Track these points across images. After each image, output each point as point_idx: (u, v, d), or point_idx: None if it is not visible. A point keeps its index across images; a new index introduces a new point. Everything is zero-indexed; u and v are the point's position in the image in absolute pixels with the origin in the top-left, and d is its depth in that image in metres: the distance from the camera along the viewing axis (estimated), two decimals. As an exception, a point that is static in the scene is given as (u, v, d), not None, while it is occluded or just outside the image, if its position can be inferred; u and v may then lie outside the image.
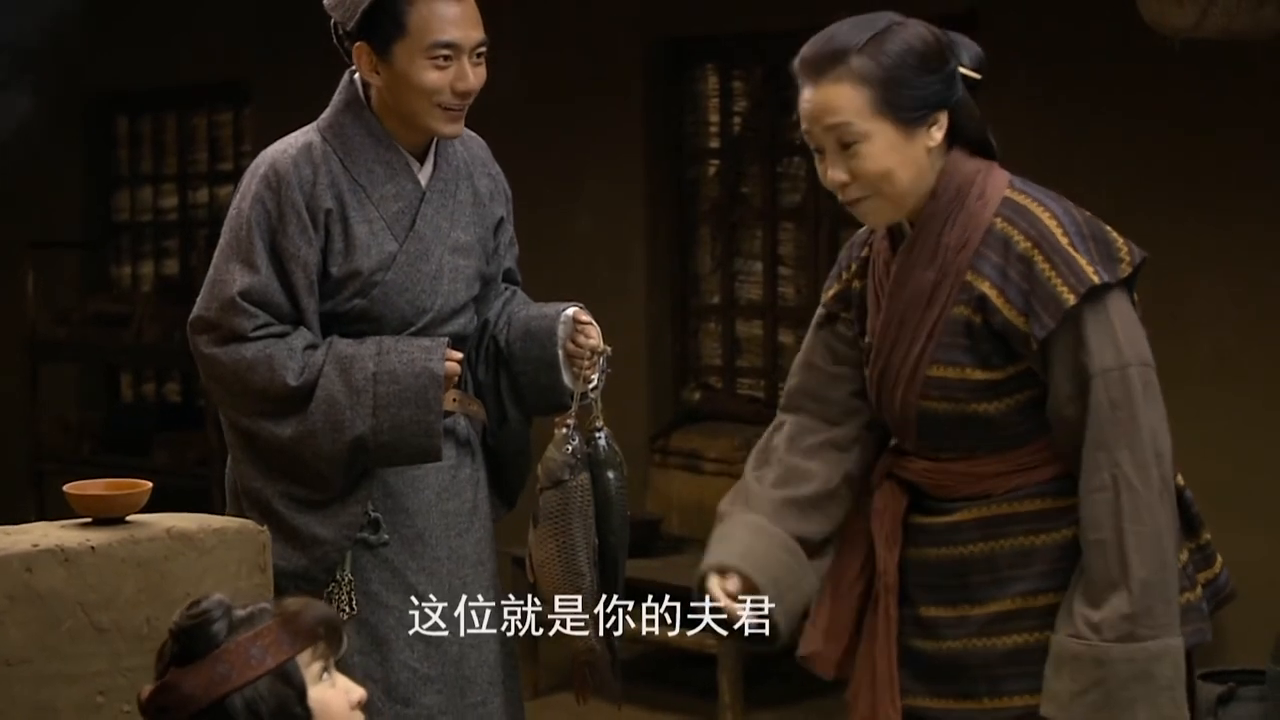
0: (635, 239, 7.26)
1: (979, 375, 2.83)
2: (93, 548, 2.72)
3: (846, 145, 2.83)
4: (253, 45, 8.61)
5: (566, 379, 3.44)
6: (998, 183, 2.87)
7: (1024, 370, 2.82)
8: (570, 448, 3.23)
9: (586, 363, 3.37)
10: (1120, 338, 2.78)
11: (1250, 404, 5.75)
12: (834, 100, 2.82)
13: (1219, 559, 2.97)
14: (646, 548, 6.44)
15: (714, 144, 7.39)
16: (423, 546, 3.43)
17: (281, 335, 3.32)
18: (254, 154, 7.49)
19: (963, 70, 2.88)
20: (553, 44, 7.48)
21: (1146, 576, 2.73)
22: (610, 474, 3.27)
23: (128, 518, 2.82)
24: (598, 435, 3.27)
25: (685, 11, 7.18)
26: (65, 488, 2.83)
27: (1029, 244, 2.79)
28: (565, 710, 6.38)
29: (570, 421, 3.25)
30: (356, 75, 3.45)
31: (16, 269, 8.97)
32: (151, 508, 2.88)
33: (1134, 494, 2.75)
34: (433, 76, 3.31)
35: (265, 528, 2.94)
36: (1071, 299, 2.75)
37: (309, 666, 2.32)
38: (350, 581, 3.36)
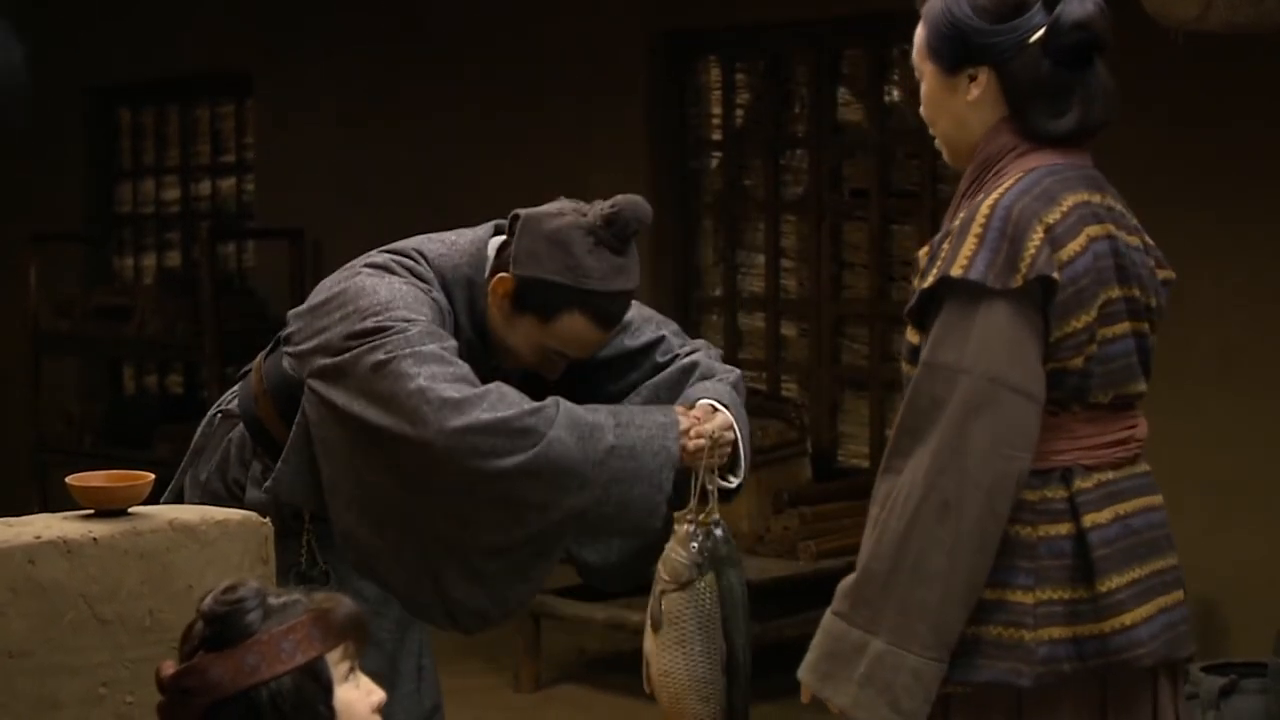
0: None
1: (909, 336, 2.78)
2: (95, 539, 2.72)
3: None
4: (255, 37, 8.61)
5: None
6: (1022, 165, 2.75)
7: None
8: (696, 545, 3.02)
9: (705, 451, 3.10)
10: (973, 342, 2.63)
11: (1251, 400, 5.75)
12: (916, 35, 2.83)
13: (1122, 621, 2.71)
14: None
15: (716, 136, 7.39)
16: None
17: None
18: (256, 146, 7.43)
19: (1038, 34, 2.73)
20: (555, 37, 7.47)
21: (874, 568, 2.66)
22: (732, 572, 3.06)
23: (130, 509, 2.82)
24: (715, 529, 3.04)
25: (687, 4, 7.18)
26: (67, 479, 2.83)
27: (958, 223, 2.71)
28: (568, 703, 6.39)
29: (695, 517, 3.03)
30: (492, 247, 3.31)
31: (19, 261, 8.99)
32: (154, 500, 2.88)
33: (909, 491, 2.65)
34: (533, 359, 3.27)
35: (267, 519, 2.94)
36: (931, 281, 2.68)
37: (336, 666, 2.31)
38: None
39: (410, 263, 3.26)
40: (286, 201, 8.49)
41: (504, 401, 3.05)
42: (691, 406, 3.20)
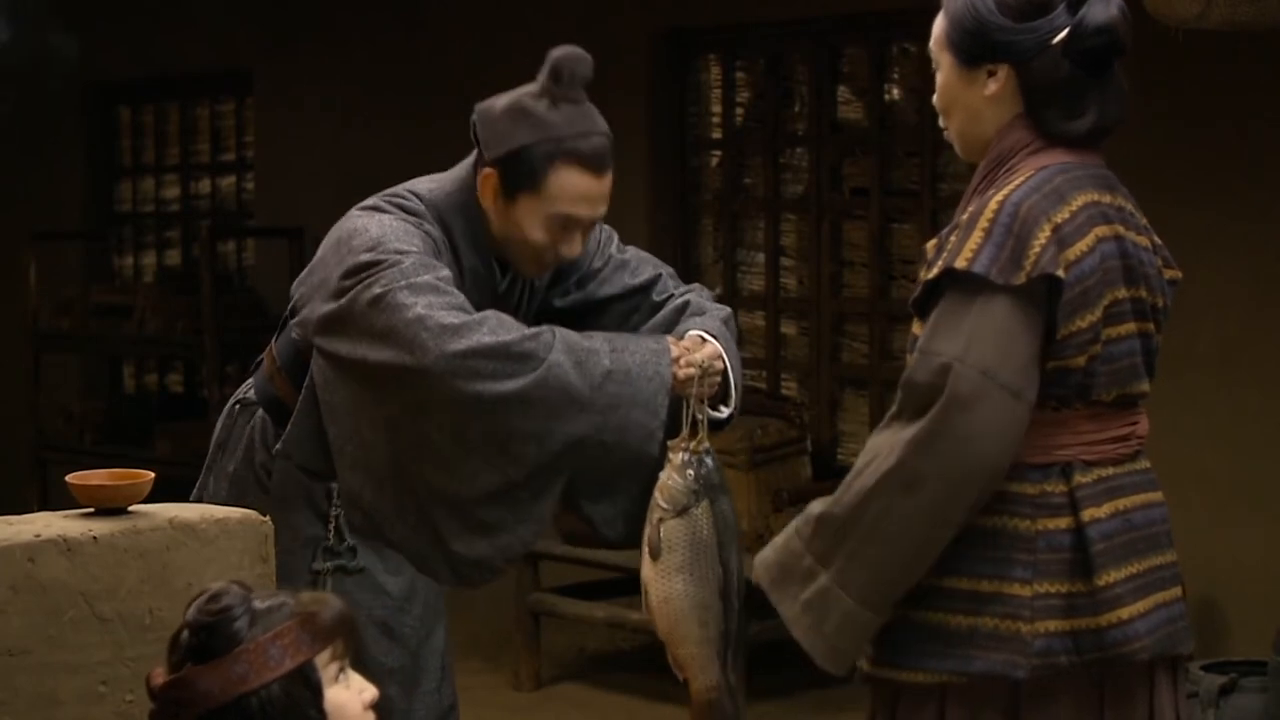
0: (638, 230, 7.25)
1: (915, 329, 2.78)
2: (95, 538, 2.72)
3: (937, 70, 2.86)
4: (255, 34, 8.61)
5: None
6: (1034, 163, 2.75)
7: None
8: (692, 473, 3.04)
9: (697, 380, 3.14)
10: (966, 333, 2.63)
11: (1252, 394, 5.75)
12: (935, 24, 2.83)
13: (1119, 615, 2.70)
14: (648, 539, 6.44)
15: (716, 135, 7.39)
16: (387, 548, 3.40)
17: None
18: (256, 144, 7.38)
19: (1061, 35, 2.73)
20: (555, 34, 7.45)
21: (835, 513, 2.69)
22: (725, 499, 3.09)
23: (130, 508, 2.83)
24: (706, 457, 3.07)
25: (687, 3, 7.18)
26: (67, 478, 2.83)
27: (966, 216, 2.71)
28: (568, 701, 6.39)
29: (688, 445, 3.05)
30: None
31: (19, 259, 8.99)
32: (153, 498, 2.88)
33: (884, 459, 2.66)
34: (545, 237, 3.27)
35: (267, 517, 2.94)
36: (936, 272, 2.68)
37: (326, 667, 2.31)
38: (328, 580, 3.37)
39: (400, 200, 3.31)
40: (286, 200, 8.49)
41: (503, 326, 3.07)
42: (681, 338, 3.24)
